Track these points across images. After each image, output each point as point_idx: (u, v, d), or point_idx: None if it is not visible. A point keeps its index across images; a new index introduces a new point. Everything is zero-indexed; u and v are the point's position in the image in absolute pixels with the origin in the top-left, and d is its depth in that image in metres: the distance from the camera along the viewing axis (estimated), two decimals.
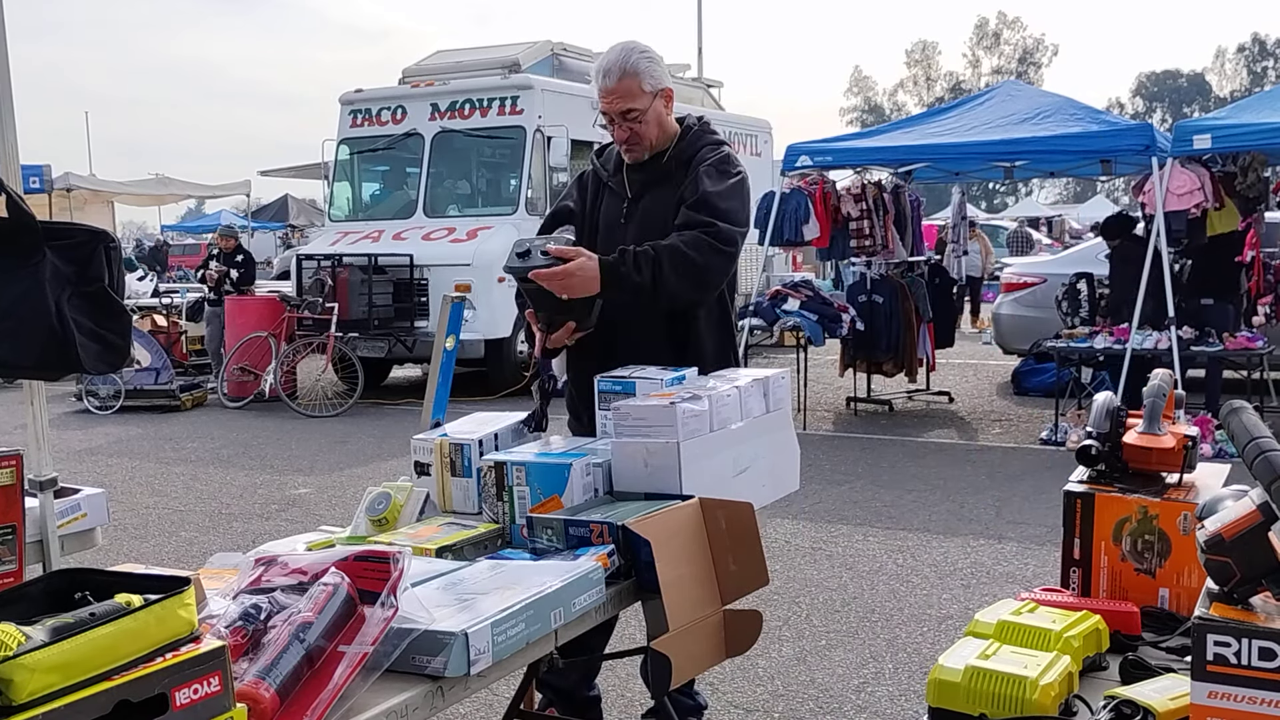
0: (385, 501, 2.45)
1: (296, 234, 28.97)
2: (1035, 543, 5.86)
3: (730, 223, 2.94)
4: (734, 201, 2.99)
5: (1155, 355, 8.08)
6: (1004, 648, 1.65)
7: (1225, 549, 1.46)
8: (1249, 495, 1.51)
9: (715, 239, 2.90)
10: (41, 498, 2.59)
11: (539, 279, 2.77)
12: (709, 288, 3.00)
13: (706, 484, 2.38)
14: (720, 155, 3.05)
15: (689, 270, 2.87)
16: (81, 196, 18.54)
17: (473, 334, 10.51)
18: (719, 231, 2.91)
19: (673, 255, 2.86)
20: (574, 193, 3.27)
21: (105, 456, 8.84)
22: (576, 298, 2.81)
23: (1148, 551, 1.96)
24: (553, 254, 2.77)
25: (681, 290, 2.90)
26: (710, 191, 2.94)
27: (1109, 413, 2.08)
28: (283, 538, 2.45)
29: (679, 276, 2.86)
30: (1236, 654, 1.33)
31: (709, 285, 2.99)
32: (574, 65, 13.55)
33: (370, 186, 13.50)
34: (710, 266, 2.92)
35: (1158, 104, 74.37)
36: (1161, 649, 1.80)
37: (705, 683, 3.78)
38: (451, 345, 3.40)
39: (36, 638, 1.24)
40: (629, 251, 2.85)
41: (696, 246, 2.87)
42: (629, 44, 3.04)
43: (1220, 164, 8.84)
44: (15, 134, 2.56)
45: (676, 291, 2.89)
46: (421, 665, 1.67)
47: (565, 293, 2.79)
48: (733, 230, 2.94)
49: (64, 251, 2.21)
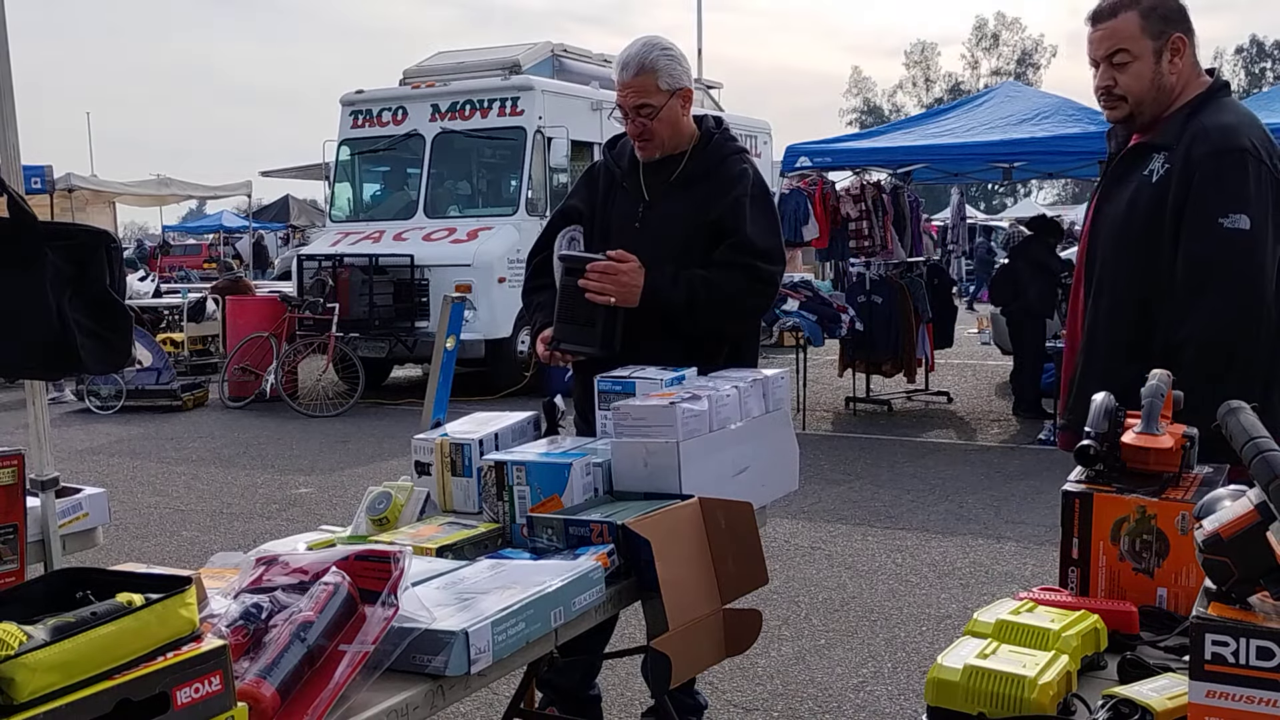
0: (386, 501, 2.45)
1: (298, 234, 28.97)
2: (1034, 542, 5.87)
3: (771, 263, 3.01)
4: (774, 240, 3.06)
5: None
6: (1002, 647, 1.65)
7: (1223, 549, 1.46)
8: (1247, 495, 1.51)
9: (757, 279, 2.98)
10: (43, 497, 2.60)
11: (595, 270, 2.86)
12: (744, 324, 3.11)
13: (706, 484, 2.38)
14: (755, 180, 3.07)
15: (727, 307, 2.97)
16: (83, 197, 18.57)
17: (473, 334, 10.51)
18: (760, 272, 2.98)
19: (711, 289, 2.92)
20: (583, 189, 3.24)
21: (106, 456, 8.84)
22: (600, 314, 2.88)
23: (1146, 551, 1.96)
24: (612, 256, 2.88)
25: (716, 323, 3.00)
26: (752, 232, 2.98)
27: (1107, 413, 2.08)
28: (283, 537, 2.46)
29: (715, 311, 2.95)
30: (1235, 653, 1.33)
31: (744, 322, 3.11)
32: (574, 66, 13.56)
33: (371, 187, 13.51)
34: (749, 308, 3.05)
35: None
36: (1160, 648, 1.80)
37: (705, 682, 3.79)
38: (452, 345, 3.41)
39: (38, 637, 1.24)
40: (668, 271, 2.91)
41: (738, 286, 2.94)
42: (652, 39, 3.03)
43: None
44: (17, 134, 2.56)
45: (711, 324, 2.99)
46: (422, 664, 1.67)
47: (614, 292, 2.86)
48: (773, 271, 3.02)
49: (65, 252, 2.22)
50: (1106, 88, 2.60)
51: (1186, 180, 2.47)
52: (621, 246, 2.95)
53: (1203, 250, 2.44)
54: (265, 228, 30.89)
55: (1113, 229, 2.62)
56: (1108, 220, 2.64)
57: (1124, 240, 2.59)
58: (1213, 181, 2.45)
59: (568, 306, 2.93)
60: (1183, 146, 2.50)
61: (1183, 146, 2.50)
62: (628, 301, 2.88)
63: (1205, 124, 2.51)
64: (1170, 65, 2.56)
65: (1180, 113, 2.56)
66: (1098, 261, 2.66)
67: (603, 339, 2.91)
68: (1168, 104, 2.58)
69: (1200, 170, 2.45)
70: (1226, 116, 2.55)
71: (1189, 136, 2.50)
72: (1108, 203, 2.66)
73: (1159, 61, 2.55)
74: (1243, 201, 2.42)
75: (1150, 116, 2.59)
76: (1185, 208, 2.47)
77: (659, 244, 2.95)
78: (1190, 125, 2.52)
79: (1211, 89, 2.59)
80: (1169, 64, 2.56)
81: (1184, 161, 2.48)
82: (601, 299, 2.87)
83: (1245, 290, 2.43)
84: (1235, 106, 2.62)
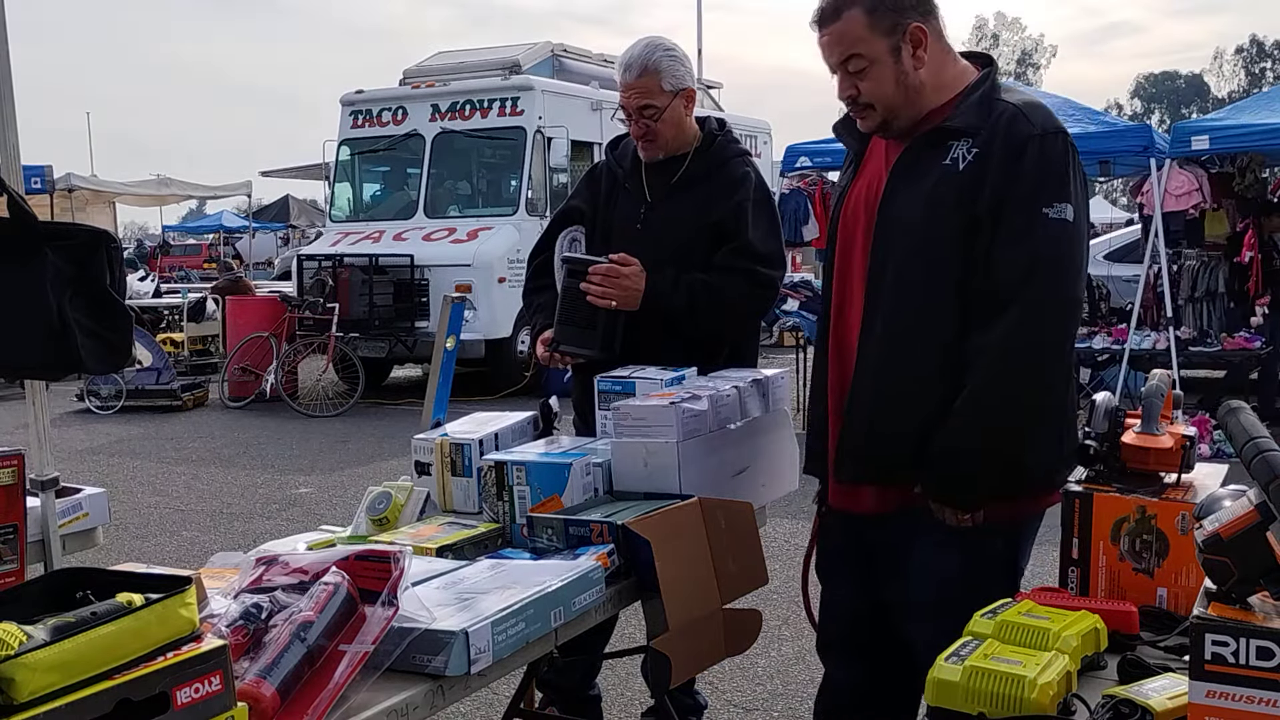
0: (386, 501, 2.45)
1: (298, 234, 28.97)
2: (1033, 542, 5.86)
3: (771, 267, 3.02)
4: (775, 244, 3.07)
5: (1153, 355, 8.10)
6: (1003, 647, 1.65)
7: (1223, 549, 1.46)
8: (1247, 495, 1.52)
9: (757, 284, 2.99)
10: (43, 497, 2.60)
11: (598, 273, 2.87)
12: (744, 327, 3.13)
13: (706, 484, 2.38)
14: (757, 183, 3.08)
15: (727, 312, 2.98)
16: (83, 197, 18.55)
17: (473, 334, 10.50)
18: (760, 277, 2.99)
19: (711, 294, 2.93)
20: (584, 190, 3.24)
21: (107, 456, 8.84)
22: (600, 317, 2.89)
23: (1146, 551, 1.96)
24: (614, 259, 2.89)
25: (716, 327, 3.01)
26: (753, 236, 2.99)
27: (1107, 413, 2.09)
28: (283, 537, 2.46)
29: (716, 315, 2.96)
30: (1235, 653, 1.33)
31: (744, 325, 3.12)
32: (574, 66, 13.56)
33: (371, 187, 13.51)
34: (749, 312, 3.08)
35: (1156, 105, 74.39)
36: (1160, 648, 1.80)
37: (705, 682, 3.79)
38: (452, 345, 3.41)
39: (38, 637, 1.24)
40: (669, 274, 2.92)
41: (738, 290, 2.96)
42: (654, 40, 3.03)
43: (1218, 165, 8.84)
44: (17, 134, 2.56)
45: (711, 328, 3.00)
46: (422, 664, 1.67)
47: (615, 295, 2.87)
48: (773, 275, 3.03)
49: (65, 252, 2.22)
50: (851, 97, 2.27)
51: (1007, 166, 2.14)
52: (623, 247, 2.95)
53: (1026, 244, 2.12)
54: (265, 228, 30.87)
55: (909, 231, 2.22)
56: (899, 226, 2.24)
57: (927, 239, 2.20)
58: (1039, 167, 2.14)
59: (569, 308, 2.93)
60: (993, 129, 2.17)
61: (993, 129, 2.17)
62: (629, 305, 2.89)
63: (1014, 103, 2.21)
64: (914, 60, 2.21)
65: (969, 98, 2.23)
66: (888, 271, 2.25)
67: (603, 342, 2.91)
68: (924, 102, 2.25)
69: (1027, 154, 2.14)
70: (1028, 96, 2.27)
71: (1001, 118, 2.18)
72: (892, 205, 2.26)
73: (898, 59, 2.20)
74: (1066, 191, 2.16)
75: (908, 120, 2.26)
76: (1005, 197, 2.14)
77: (660, 245, 2.95)
78: (995, 107, 2.20)
79: (993, 71, 2.30)
80: (911, 60, 2.21)
81: (1003, 146, 2.15)
82: (603, 302, 2.87)
83: (1067, 289, 2.18)
84: (1021, 87, 2.40)
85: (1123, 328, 8.62)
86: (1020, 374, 2.15)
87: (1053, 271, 2.14)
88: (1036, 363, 2.16)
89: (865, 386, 2.29)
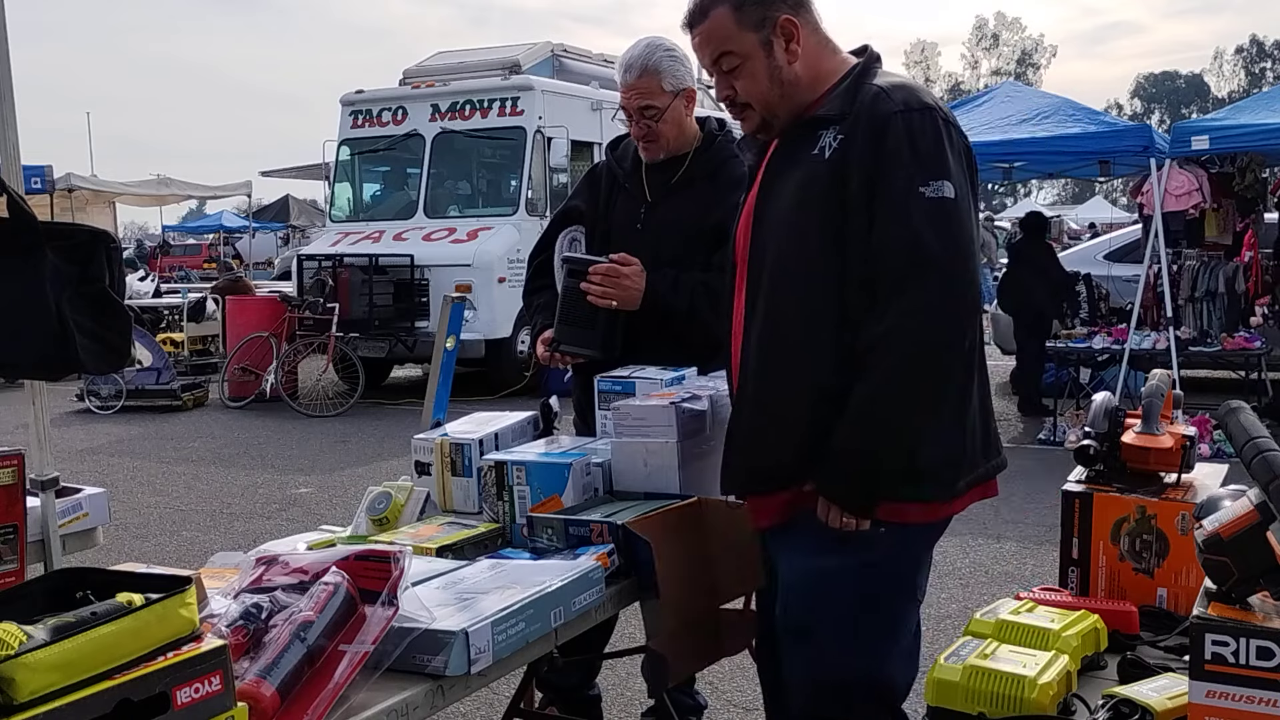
0: (386, 501, 2.45)
1: (298, 234, 28.97)
2: (1034, 542, 5.86)
3: None
4: None
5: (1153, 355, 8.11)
6: (1002, 647, 1.65)
7: (1223, 548, 1.46)
8: (1247, 495, 1.52)
9: None
10: (43, 497, 2.60)
11: (598, 273, 2.87)
12: None
13: (706, 484, 2.38)
14: None
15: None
16: (83, 197, 18.56)
17: (473, 334, 10.50)
18: None
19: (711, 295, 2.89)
20: (584, 190, 3.23)
21: (107, 456, 8.84)
22: (601, 317, 2.88)
23: (1146, 551, 1.96)
24: (615, 259, 2.88)
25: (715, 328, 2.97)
26: None
27: (1107, 413, 2.09)
28: (283, 537, 2.46)
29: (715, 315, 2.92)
30: (1234, 653, 1.33)
31: None
32: (574, 66, 13.55)
33: (371, 187, 13.50)
34: None
35: (1156, 105, 74.41)
36: (1160, 648, 1.81)
37: (705, 682, 3.79)
38: (452, 345, 3.41)
39: (38, 637, 1.24)
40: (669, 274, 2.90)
41: None
42: (655, 40, 3.02)
43: (1218, 165, 8.85)
44: (17, 134, 2.56)
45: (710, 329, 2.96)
46: (422, 664, 1.67)
47: (616, 295, 2.86)
48: None
49: (65, 252, 2.22)
50: (728, 98, 2.21)
51: (872, 147, 2.04)
52: (623, 247, 2.95)
53: (906, 227, 2.00)
54: (265, 227, 30.87)
55: (782, 226, 2.14)
56: (773, 221, 2.17)
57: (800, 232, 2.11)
58: (906, 145, 2.03)
59: (569, 308, 2.93)
60: (857, 113, 2.08)
61: (857, 113, 2.08)
62: (629, 305, 2.88)
63: (879, 84, 2.12)
64: (787, 55, 2.14)
65: (839, 86, 2.15)
66: (765, 271, 2.16)
67: (603, 342, 2.91)
68: (802, 97, 2.17)
69: (890, 132, 2.03)
70: (898, 78, 2.17)
71: (864, 101, 2.09)
72: (767, 201, 2.20)
73: (770, 54, 2.14)
74: (943, 168, 2.03)
75: (788, 116, 2.18)
76: (876, 179, 2.03)
77: (660, 245, 2.95)
78: (860, 92, 2.12)
79: (869, 61, 2.22)
80: (784, 54, 2.14)
81: (866, 127, 2.06)
82: (603, 302, 2.87)
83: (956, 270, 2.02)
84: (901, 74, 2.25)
85: (1123, 328, 8.62)
86: (912, 365, 2.00)
87: (937, 253, 2.00)
88: (929, 352, 2.00)
89: (745, 395, 2.20)
